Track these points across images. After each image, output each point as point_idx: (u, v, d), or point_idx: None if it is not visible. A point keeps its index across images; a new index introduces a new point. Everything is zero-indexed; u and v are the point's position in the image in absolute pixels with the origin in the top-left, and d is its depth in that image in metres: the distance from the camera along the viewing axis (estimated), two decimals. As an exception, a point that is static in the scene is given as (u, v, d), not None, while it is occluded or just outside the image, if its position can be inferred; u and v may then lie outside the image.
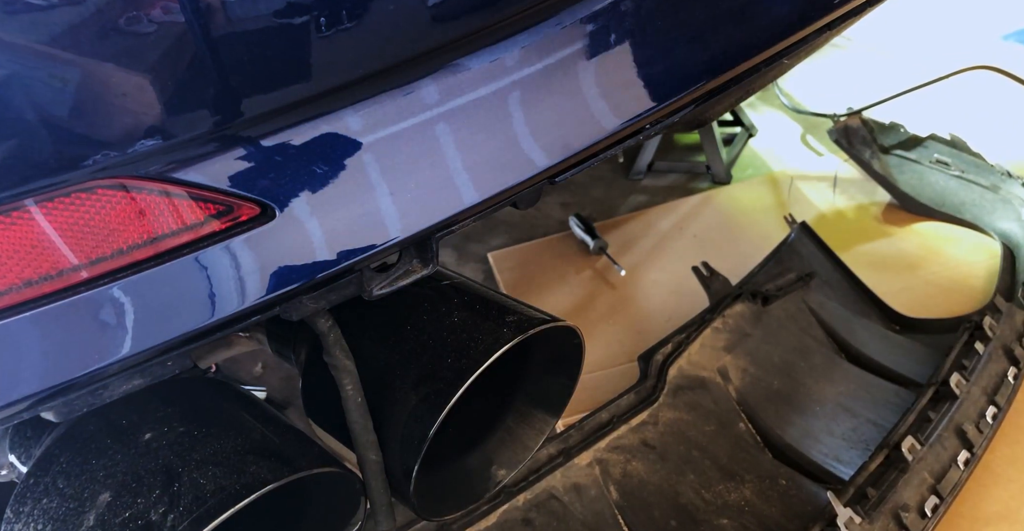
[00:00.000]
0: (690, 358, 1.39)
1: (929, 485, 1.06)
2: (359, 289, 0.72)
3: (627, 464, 1.25)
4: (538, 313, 0.83)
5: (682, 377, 1.37)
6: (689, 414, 1.32)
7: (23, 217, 0.51)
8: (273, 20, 0.54)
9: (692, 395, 1.35)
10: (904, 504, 1.03)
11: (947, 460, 1.10)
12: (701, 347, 1.40)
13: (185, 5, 0.50)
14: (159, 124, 0.53)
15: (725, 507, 1.19)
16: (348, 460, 0.80)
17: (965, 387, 1.18)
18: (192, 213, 0.56)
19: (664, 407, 1.32)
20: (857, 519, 0.99)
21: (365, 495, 0.77)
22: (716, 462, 1.26)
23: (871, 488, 1.07)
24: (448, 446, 0.86)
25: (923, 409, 1.19)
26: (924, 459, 1.08)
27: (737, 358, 1.41)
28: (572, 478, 1.21)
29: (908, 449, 1.08)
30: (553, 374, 0.93)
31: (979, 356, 1.24)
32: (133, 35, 0.50)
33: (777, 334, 1.46)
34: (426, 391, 0.76)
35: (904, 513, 1.02)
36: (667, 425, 1.30)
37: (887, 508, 1.02)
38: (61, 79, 0.49)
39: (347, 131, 0.62)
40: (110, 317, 0.55)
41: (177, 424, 0.68)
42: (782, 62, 0.88)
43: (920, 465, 1.07)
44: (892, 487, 1.04)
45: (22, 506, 0.65)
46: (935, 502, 1.04)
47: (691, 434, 1.30)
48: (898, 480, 1.05)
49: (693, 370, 1.38)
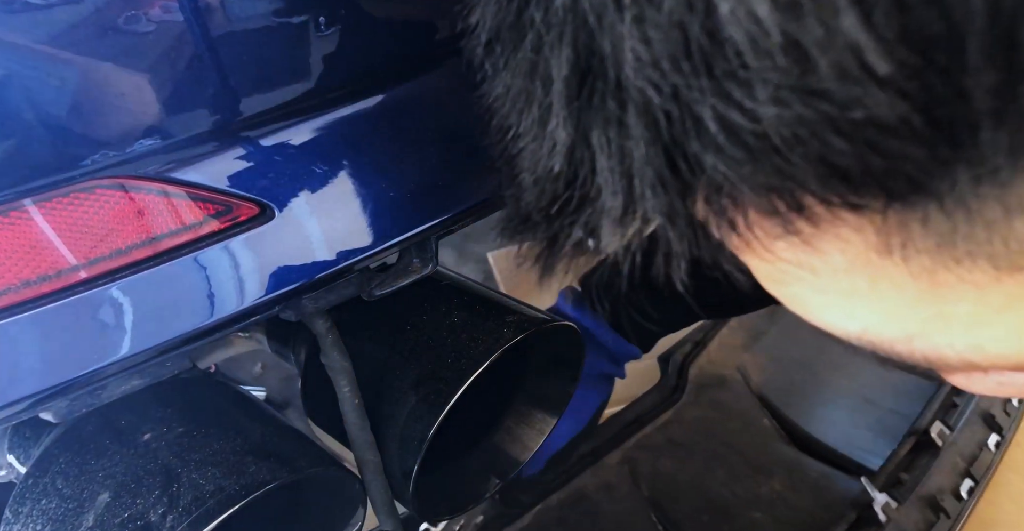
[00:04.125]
0: (709, 357, 1.41)
1: (962, 469, 1.07)
2: (359, 289, 0.71)
3: (656, 461, 1.27)
4: (538, 313, 0.83)
5: (703, 375, 1.39)
6: (713, 411, 1.33)
7: (21, 217, 0.51)
8: (273, 19, 0.54)
9: (714, 393, 1.37)
10: (940, 487, 1.03)
11: (977, 444, 1.11)
12: (719, 346, 1.43)
13: (185, 5, 0.50)
14: (158, 124, 0.53)
15: (756, 500, 1.20)
16: (348, 460, 0.80)
17: None
18: (191, 213, 0.56)
19: (688, 405, 1.35)
20: (894, 504, 0.99)
21: (365, 496, 0.77)
22: (743, 457, 1.27)
23: (904, 473, 1.07)
24: (448, 446, 0.86)
25: (948, 395, 1.20)
26: (955, 443, 1.09)
27: (755, 355, 1.43)
28: (603, 477, 1.24)
29: (938, 434, 1.08)
30: (553, 374, 0.93)
31: None
32: (132, 34, 0.50)
33: (792, 331, 1.47)
34: (426, 391, 0.76)
35: (940, 496, 1.02)
36: (692, 423, 1.32)
37: (923, 492, 1.03)
38: (59, 78, 0.49)
39: (347, 130, 0.62)
40: (109, 317, 0.55)
41: (176, 424, 0.68)
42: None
43: (951, 449, 1.08)
44: (925, 472, 1.05)
45: (21, 506, 0.65)
46: (970, 485, 1.05)
47: (716, 431, 1.32)
48: (930, 465, 1.06)
49: (713, 368, 1.40)
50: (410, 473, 0.75)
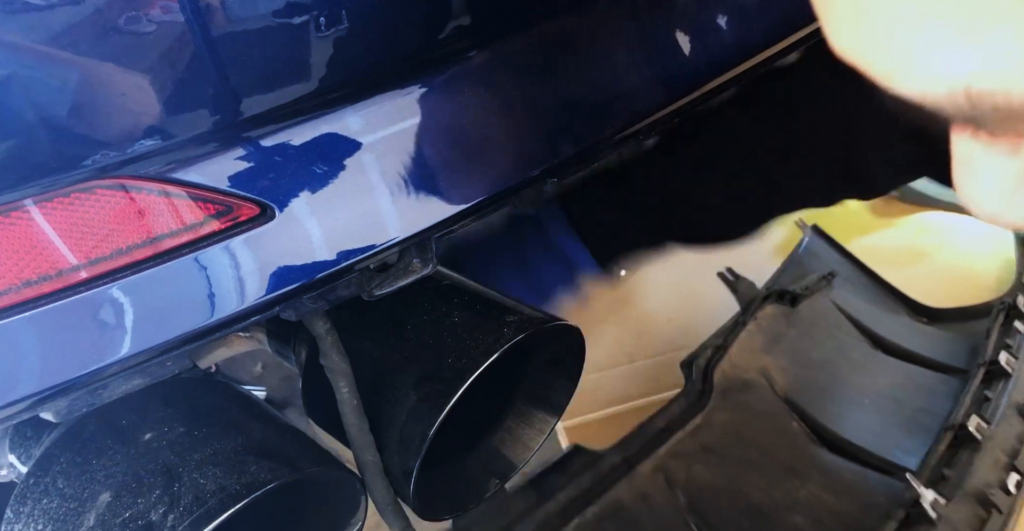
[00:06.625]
0: (731, 361, 1.41)
1: (1005, 463, 1.06)
2: (359, 289, 0.72)
3: (690, 468, 1.26)
4: (538, 313, 0.83)
5: (727, 380, 1.39)
6: (741, 416, 1.33)
7: (22, 217, 0.51)
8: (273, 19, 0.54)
9: (740, 397, 1.37)
10: (986, 482, 1.02)
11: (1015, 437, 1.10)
12: (740, 350, 1.43)
13: (185, 5, 0.50)
14: (158, 124, 0.53)
15: (795, 504, 1.19)
16: (349, 460, 0.80)
17: (1016, 365, 1.19)
18: (192, 213, 0.56)
19: (716, 410, 1.34)
20: (942, 500, 0.98)
21: (366, 496, 0.77)
22: (777, 461, 1.27)
23: (947, 469, 1.06)
24: (448, 446, 0.86)
25: (979, 389, 1.19)
26: (994, 437, 1.08)
27: (776, 358, 1.43)
28: (638, 487, 1.23)
29: (975, 428, 1.07)
30: (553, 374, 0.93)
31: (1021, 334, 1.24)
32: (132, 34, 0.50)
33: (811, 333, 1.47)
34: (426, 391, 0.76)
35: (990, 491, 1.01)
36: (722, 428, 1.32)
37: (970, 487, 1.01)
38: (60, 79, 0.49)
39: (347, 131, 0.62)
40: (110, 317, 0.55)
41: (177, 424, 0.68)
42: (782, 62, 0.88)
43: (991, 444, 1.07)
44: (969, 467, 1.04)
45: (22, 506, 0.65)
46: (1017, 478, 1.03)
47: (747, 435, 1.31)
48: (973, 460, 1.04)
49: (736, 372, 1.40)
50: (411, 473, 0.75)
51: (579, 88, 0.73)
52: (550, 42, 0.71)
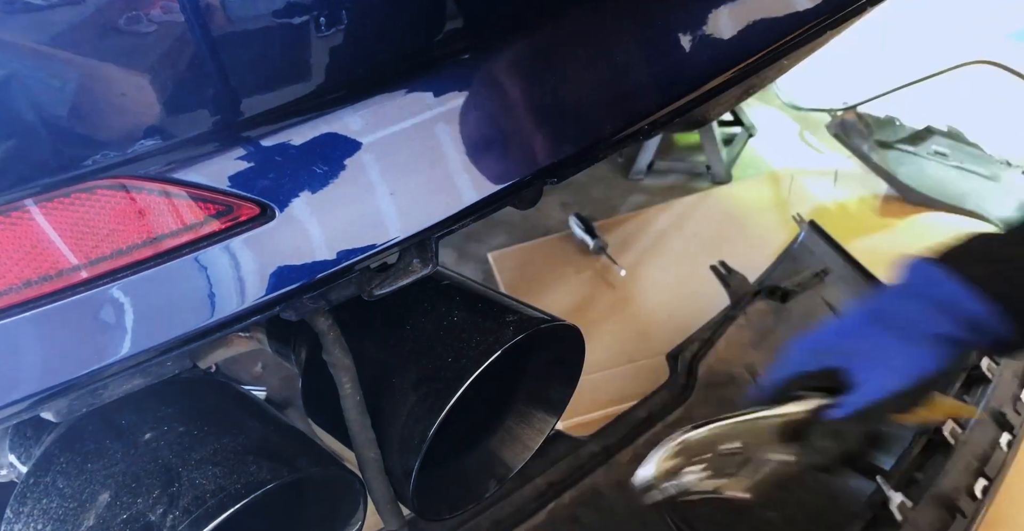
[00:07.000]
0: (718, 355, 1.41)
1: (975, 468, 1.06)
2: (359, 289, 0.72)
3: None
4: (538, 313, 0.83)
5: (711, 374, 1.39)
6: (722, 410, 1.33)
7: (23, 217, 0.51)
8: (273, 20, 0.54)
9: (723, 391, 1.37)
10: (955, 487, 1.03)
11: (989, 443, 1.10)
12: (727, 344, 1.43)
13: (185, 5, 0.50)
14: (159, 124, 0.53)
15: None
16: (348, 460, 0.80)
17: (997, 371, 1.19)
18: (192, 213, 0.56)
19: (697, 404, 1.35)
20: (909, 503, 0.99)
21: (366, 495, 0.77)
22: None
23: (918, 473, 1.07)
24: (448, 446, 0.86)
25: (958, 394, 1.20)
26: (967, 442, 1.08)
27: (763, 354, 1.43)
28: (615, 475, 1.24)
29: (950, 433, 1.07)
30: (553, 374, 0.93)
31: None
32: (133, 35, 0.50)
33: (800, 329, 1.47)
34: (426, 391, 0.76)
35: (956, 496, 1.01)
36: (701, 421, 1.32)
37: (937, 491, 1.02)
38: (60, 79, 0.49)
39: (347, 131, 0.62)
40: (110, 317, 0.55)
41: (177, 424, 0.68)
42: (782, 62, 0.88)
43: (964, 449, 1.07)
44: (939, 471, 1.04)
45: (22, 506, 0.65)
46: (984, 484, 1.04)
47: None
48: (944, 464, 1.05)
49: (722, 366, 1.40)
50: (411, 472, 0.75)
51: (579, 88, 0.73)
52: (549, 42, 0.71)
